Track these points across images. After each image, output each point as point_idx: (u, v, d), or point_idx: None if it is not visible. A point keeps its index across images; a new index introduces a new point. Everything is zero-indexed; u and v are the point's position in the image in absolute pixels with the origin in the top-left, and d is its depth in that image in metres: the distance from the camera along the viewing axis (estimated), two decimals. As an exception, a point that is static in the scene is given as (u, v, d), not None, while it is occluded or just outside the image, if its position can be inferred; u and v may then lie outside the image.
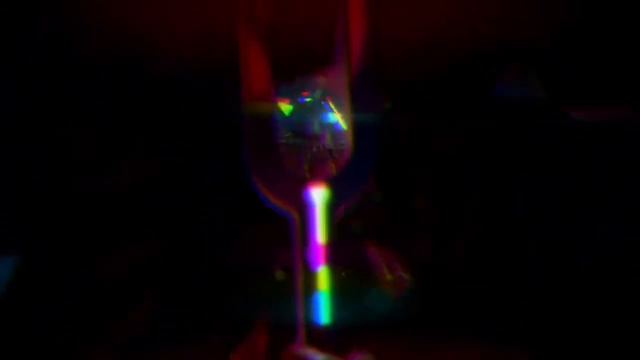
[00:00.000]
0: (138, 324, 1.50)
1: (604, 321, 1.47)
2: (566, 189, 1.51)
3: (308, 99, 1.43)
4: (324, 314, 1.37)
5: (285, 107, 1.43)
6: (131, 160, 1.54)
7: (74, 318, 1.49)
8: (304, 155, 1.42)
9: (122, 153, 1.54)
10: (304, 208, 1.38)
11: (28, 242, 1.51)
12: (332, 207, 1.39)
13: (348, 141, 1.42)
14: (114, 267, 1.52)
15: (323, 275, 1.37)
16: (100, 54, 1.53)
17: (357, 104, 1.42)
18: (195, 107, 1.52)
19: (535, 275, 1.51)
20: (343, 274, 1.42)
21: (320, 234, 1.38)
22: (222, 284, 1.50)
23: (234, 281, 1.50)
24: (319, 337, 1.37)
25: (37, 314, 1.49)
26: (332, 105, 1.44)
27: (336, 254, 1.38)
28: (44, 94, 1.52)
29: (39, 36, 1.52)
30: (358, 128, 1.42)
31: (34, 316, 1.49)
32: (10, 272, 1.50)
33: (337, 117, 1.44)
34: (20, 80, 1.53)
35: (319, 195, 1.39)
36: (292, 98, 1.43)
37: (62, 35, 1.53)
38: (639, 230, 1.50)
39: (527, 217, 1.52)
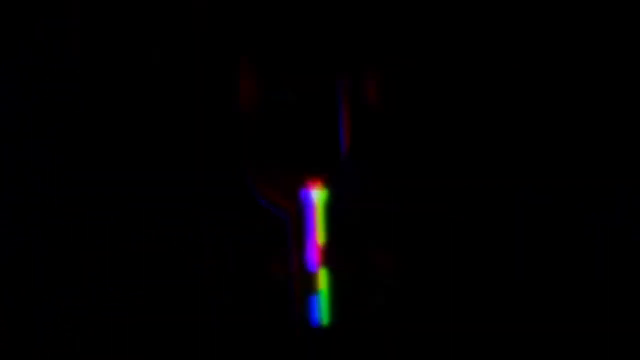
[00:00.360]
0: (138, 324, 1.50)
1: (604, 321, 1.47)
2: (566, 188, 1.52)
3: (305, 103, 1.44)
4: (321, 314, 1.37)
5: (282, 111, 1.44)
6: (132, 160, 1.54)
7: (74, 318, 1.49)
8: (300, 157, 1.43)
9: (123, 153, 1.54)
10: (302, 209, 1.38)
11: (28, 242, 1.51)
12: (330, 208, 1.39)
13: (347, 141, 1.42)
14: (114, 267, 1.52)
15: (321, 276, 1.37)
16: (100, 54, 1.53)
17: (356, 104, 1.42)
18: (195, 107, 1.52)
19: (535, 275, 1.51)
20: (341, 274, 1.42)
21: (318, 234, 1.38)
22: (220, 284, 1.50)
23: (232, 282, 1.50)
24: (316, 337, 1.37)
25: (37, 314, 1.50)
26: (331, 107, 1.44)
27: (334, 255, 1.38)
28: (44, 94, 1.53)
29: (39, 36, 1.53)
30: (357, 127, 1.42)
31: (34, 316, 1.50)
32: (11, 272, 1.51)
33: (335, 118, 1.44)
34: (20, 80, 1.53)
35: (317, 196, 1.39)
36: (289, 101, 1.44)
37: (62, 35, 1.53)
38: (639, 230, 1.50)
39: (528, 216, 1.52)
